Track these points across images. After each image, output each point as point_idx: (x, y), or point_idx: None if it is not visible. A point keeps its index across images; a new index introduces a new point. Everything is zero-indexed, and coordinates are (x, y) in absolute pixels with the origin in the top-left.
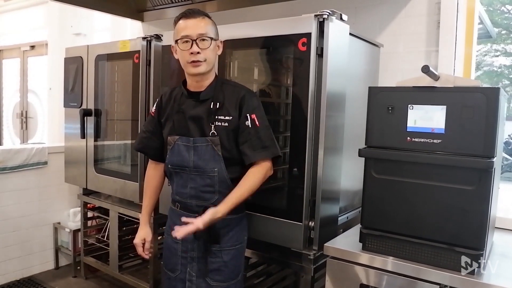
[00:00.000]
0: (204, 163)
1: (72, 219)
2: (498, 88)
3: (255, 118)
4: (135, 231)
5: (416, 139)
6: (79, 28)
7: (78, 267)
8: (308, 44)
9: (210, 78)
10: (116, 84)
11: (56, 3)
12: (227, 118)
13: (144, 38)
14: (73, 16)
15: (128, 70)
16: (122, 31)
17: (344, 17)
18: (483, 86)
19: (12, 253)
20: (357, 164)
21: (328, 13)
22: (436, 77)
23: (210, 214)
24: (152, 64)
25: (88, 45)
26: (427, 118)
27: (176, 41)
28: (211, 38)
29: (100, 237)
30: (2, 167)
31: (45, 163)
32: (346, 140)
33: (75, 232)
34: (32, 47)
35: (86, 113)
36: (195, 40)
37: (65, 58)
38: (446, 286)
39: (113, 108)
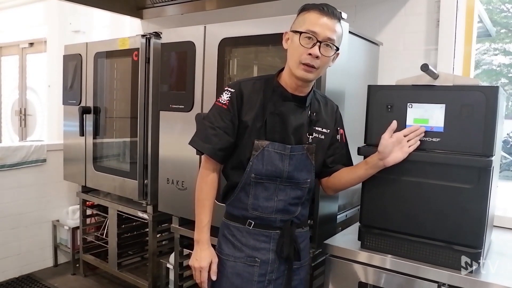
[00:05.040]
0: (298, 173)
1: (71, 216)
2: (497, 87)
3: (343, 134)
4: (133, 228)
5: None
6: (78, 26)
7: (77, 265)
8: None
9: (311, 85)
10: (115, 82)
11: (55, 0)
12: (324, 130)
13: (143, 36)
14: (72, 13)
15: (127, 67)
16: (121, 29)
17: (344, 15)
18: (482, 84)
19: (11, 250)
20: (356, 162)
21: None
22: (435, 76)
23: None
24: (152, 62)
25: (87, 43)
26: (426, 116)
27: (297, 32)
28: (336, 49)
29: (99, 235)
30: (1, 164)
31: (44, 160)
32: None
33: (74, 230)
34: (31, 44)
35: (85, 110)
36: (320, 43)
37: (64, 56)
38: (444, 284)
39: (112, 106)
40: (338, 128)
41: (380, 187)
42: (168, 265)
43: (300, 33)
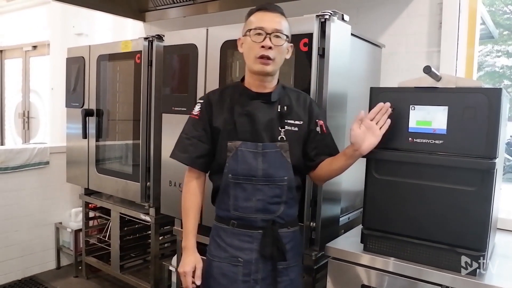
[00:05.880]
0: (274, 171)
1: (74, 219)
2: (500, 89)
3: (323, 125)
4: (136, 231)
5: (418, 140)
6: (81, 28)
7: (80, 267)
8: (309, 45)
9: (275, 80)
10: (118, 84)
11: (58, 4)
12: (297, 122)
13: (146, 39)
14: (75, 16)
15: (130, 70)
16: (124, 32)
17: (346, 17)
18: (485, 86)
19: (14, 253)
20: (358, 164)
21: (329, 14)
22: (438, 78)
23: None
24: (154, 64)
25: (90, 45)
26: (429, 118)
27: (247, 32)
28: (286, 36)
29: (101, 237)
30: (4, 167)
31: (47, 163)
32: (348, 141)
33: (76, 232)
34: (34, 47)
35: (87, 113)
36: (270, 35)
37: (67, 58)
38: (448, 287)
39: (115, 108)
40: (317, 120)
41: (383, 190)
42: (171, 268)
43: (250, 30)
